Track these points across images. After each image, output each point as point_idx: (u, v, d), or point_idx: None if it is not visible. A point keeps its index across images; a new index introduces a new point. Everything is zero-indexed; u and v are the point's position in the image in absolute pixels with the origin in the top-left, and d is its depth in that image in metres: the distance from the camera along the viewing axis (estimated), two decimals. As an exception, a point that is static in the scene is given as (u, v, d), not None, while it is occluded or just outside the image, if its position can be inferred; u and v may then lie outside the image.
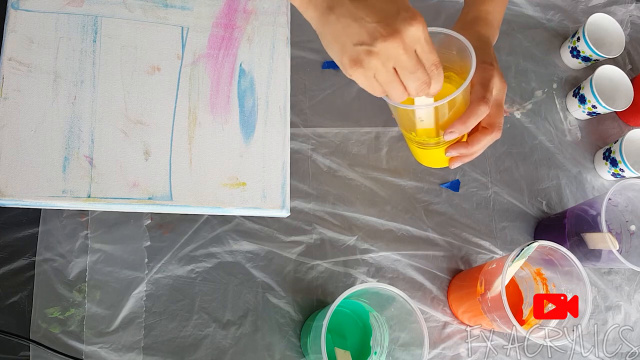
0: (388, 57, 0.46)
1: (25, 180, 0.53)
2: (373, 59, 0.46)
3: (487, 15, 0.64)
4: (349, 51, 0.46)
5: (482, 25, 0.64)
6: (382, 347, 0.62)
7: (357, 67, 0.47)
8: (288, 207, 0.60)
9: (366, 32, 0.46)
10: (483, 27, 0.63)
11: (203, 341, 0.60)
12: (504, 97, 0.60)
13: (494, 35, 0.65)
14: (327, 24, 0.47)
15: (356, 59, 0.46)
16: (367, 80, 0.48)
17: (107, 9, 0.59)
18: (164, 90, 0.59)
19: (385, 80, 0.48)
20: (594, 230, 0.67)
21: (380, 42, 0.45)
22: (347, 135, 0.72)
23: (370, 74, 0.47)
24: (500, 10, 0.66)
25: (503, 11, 0.67)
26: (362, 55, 0.46)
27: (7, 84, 0.55)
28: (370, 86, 0.49)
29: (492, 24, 0.65)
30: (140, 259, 0.61)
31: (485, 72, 0.59)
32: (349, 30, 0.46)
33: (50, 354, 0.55)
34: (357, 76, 0.48)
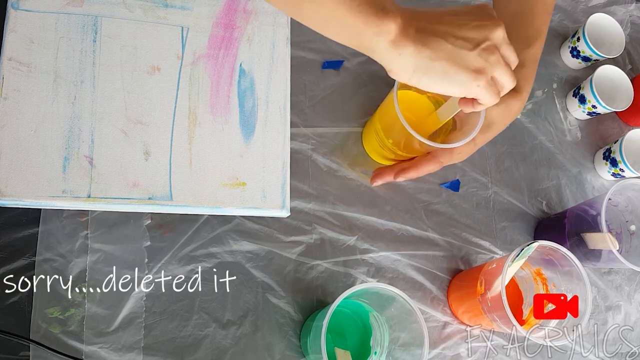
0: (500, 44, 0.45)
1: (25, 180, 0.53)
2: (492, 55, 0.45)
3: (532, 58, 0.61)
4: (472, 62, 0.45)
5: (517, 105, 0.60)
6: (382, 347, 0.62)
7: (483, 73, 0.45)
8: (288, 207, 0.60)
9: (474, 36, 0.45)
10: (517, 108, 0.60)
11: (203, 341, 0.60)
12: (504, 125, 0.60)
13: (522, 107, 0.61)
14: (434, 51, 0.43)
15: (479, 67, 0.45)
16: (489, 85, 0.46)
17: (107, 9, 0.59)
18: (164, 90, 0.59)
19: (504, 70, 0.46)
20: (594, 230, 0.67)
21: (492, 32, 0.45)
22: (347, 135, 0.72)
23: (491, 74, 0.46)
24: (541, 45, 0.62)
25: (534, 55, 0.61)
26: (484, 55, 0.45)
27: (7, 84, 0.55)
28: (491, 91, 0.47)
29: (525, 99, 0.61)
30: (140, 259, 0.61)
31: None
32: (458, 43, 0.44)
33: (50, 354, 0.55)
34: (483, 85, 0.46)
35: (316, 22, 0.45)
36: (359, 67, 0.75)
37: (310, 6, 0.43)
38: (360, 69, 0.75)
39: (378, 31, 0.42)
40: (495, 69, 0.46)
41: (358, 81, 0.75)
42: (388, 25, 0.42)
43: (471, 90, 0.46)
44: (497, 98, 0.48)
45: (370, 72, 0.75)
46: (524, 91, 0.59)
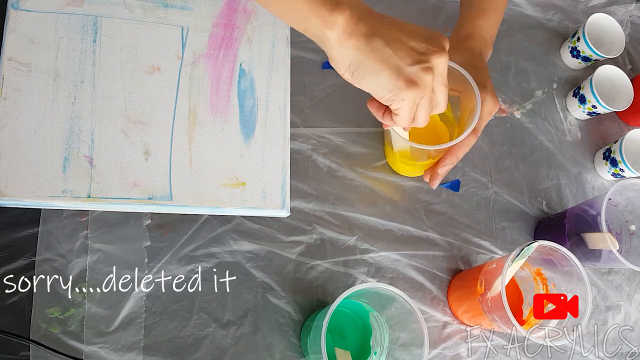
0: (438, 73, 0.47)
1: (25, 180, 0.53)
2: (428, 76, 0.46)
3: (481, 32, 0.64)
4: (405, 72, 0.46)
5: (476, 41, 0.64)
6: (382, 347, 0.62)
7: (413, 87, 0.46)
8: (288, 207, 0.60)
9: (418, 51, 0.46)
10: (476, 44, 0.64)
11: (203, 341, 0.60)
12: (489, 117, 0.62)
13: (488, 50, 0.65)
14: (373, 50, 0.45)
15: (412, 79, 0.46)
16: (413, 104, 0.48)
17: (107, 9, 0.59)
18: (164, 90, 0.59)
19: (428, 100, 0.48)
20: (594, 230, 0.67)
21: (434, 58, 0.46)
22: (347, 135, 0.72)
23: (420, 95, 0.47)
24: (495, 25, 0.66)
25: (497, 25, 0.67)
26: (420, 73, 0.46)
27: (7, 84, 0.55)
28: (410, 112, 0.48)
29: (486, 40, 0.65)
30: (140, 259, 0.61)
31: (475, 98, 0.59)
32: (400, 52, 0.45)
33: (50, 354, 0.55)
34: (409, 98, 0.47)
35: (275, 8, 0.48)
36: (359, 67, 0.75)
37: None
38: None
39: (325, 21, 0.44)
40: (424, 92, 0.47)
41: (358, 81, 0.75)
42: (336, 17, 0.44)
43: (396, 100, 0.47)
44: (408, 122, 0.49)
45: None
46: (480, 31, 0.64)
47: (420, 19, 0.80)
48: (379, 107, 0.51)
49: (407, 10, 0.80)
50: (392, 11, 0.79)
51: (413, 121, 0.50)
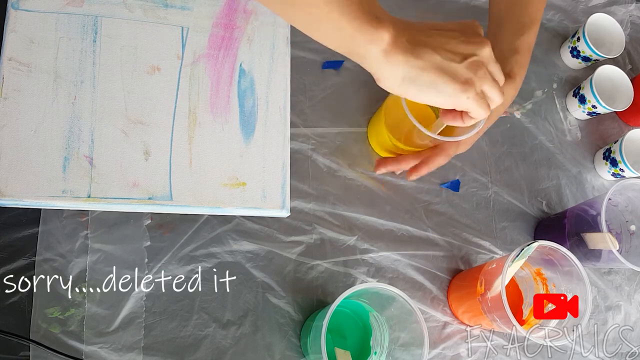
0: (487, 61, 0.47)
1: (25, 180, 0.53)
2: (480, 69, 0.46)
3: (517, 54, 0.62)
4: (460, 73, 0.45)
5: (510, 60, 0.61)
6: (382, 347, 0.62)
7: (470, 86, 0.46)
8: (288, 207, 0.60)
9: (463, 51, 0.46)
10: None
11: (203, 341, 0.60)
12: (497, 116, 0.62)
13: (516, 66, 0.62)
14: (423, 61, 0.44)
15: (468, 78, 0.46)
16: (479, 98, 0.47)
17: (107, 9, 0.59)
18: (164, 90, 0.59)
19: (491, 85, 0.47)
20: (594, 230, 0.67)
21: (479, 50, 0.46)
22: (347, 135, 0.72)
23: (479, 87, 0.47)
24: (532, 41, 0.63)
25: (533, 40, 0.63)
26: (472, 69, 0.46)
27: (7, 84, 0.55)
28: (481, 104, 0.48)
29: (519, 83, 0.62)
30: (140, 259, 0.61)
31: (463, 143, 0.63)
32: (448, 55, 0.45)
33: (50, 354, 0.55)
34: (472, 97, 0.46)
35: (307, 23, 0.45)
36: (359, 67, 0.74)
37: (303, 7, 0.43)
38: (361, 69, 0.74)
39: (371, 39, 0.43)
40: (483, 82, 0.47)
41: (358, 81, 0.75)
42: (381, 34, 0.43)
43: (460, 102, 0.46)
44: (487, 111, 0.48)
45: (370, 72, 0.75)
46: (518, 77, 0.61)
47: (420, 19, 0.80)
48: (453, 115, 0.51)
49: (407, 10, 0.80)
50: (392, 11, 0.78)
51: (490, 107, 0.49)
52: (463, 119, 0.51)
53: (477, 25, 0.48)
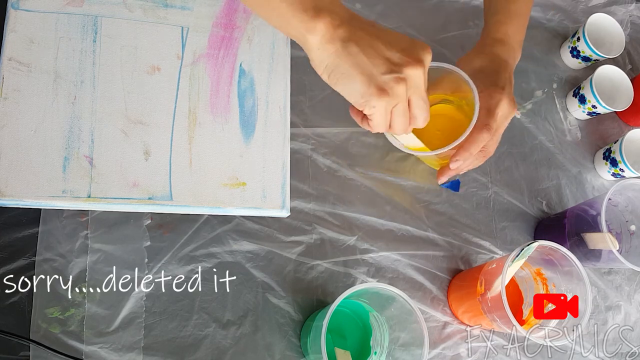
0: (412, 83, 0.48)
1: (25, 180, 0.53)
2: (400, 86, 0.47)
3: (507, 38, 0.65)
4: (377, 80, 0.47)
5: (501, 47, 0.64)
6: (382, 347, 0.62)
7: (384, 95, 0.47)
8: (288, 207, 0.60)
9: (392, 61, 0.47)
10: (502, 50, 0.64)
11: (203, 341, 0.60)
12: (507, 122, 0.62)
13: (515, 56, 0.65)
14: (348, 55, 0.46)
15: (383, 88, 0.47)
16: (385, 113, 0.49)
17: (107, 9, 0.59)
18: (164, 90, 0.59)
19: (402, 110, 0.49)
20: (594, 230, 0.67)
21: (408, 69, 0.47)
22: (347, 135, 0.72)
23: (391, 105, 0.48)
24: (521, 31, 0.67)
25: (524, 31, 0.67)
26: (391, 82, 0.47)
27: (7, 84, 0.55)
28: (384, 119, 0.50)
29: (513, 46, 0.65)
30: (140, 259, 0.61)
31: (493, 98, 0.60)
32: (375, 60, 0.46)
33: (50, 354, 0.55)
34: (380, 107, 0.48)
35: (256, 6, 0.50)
36: (359, 67, 0.75)
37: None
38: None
39: (306, 27, 0.46)
40: (397, 103, 0.48)
41: (358, 81, 0.75)
42: (316, 24, 0.46)
43: (367, 106, 0.48)
44: (382, 128, 0.51)
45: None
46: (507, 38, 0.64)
47: (421, 19, 0.80)
48: (358, 112, 0.53)
49: (407, 10, 0.80)
50: (392, 11, 0.79)
51: (390, 128, 0.51)
52: (362, 122, 0.53)
53: (427, 48, 0.49)
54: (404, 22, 0.79)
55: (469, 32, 0.82)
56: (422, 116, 0.51)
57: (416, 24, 0.80)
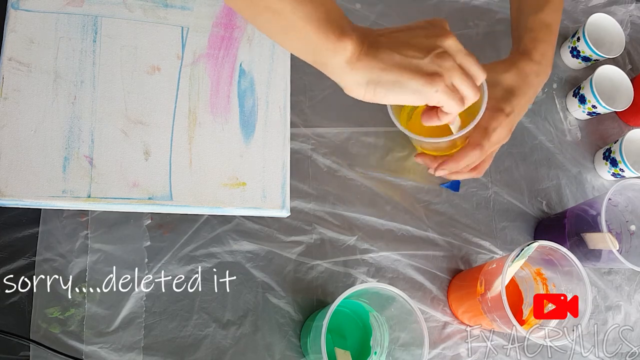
0: (453, 51, 0.46)
1: (25, 180, 0.53)
2: (446, 60, 0.45)
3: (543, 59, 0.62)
4: (424, 68, 0.45)
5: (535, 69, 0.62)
6: (382, 347, 0.62)
7: (438, 78, 0.45)
8: (288, 207, 0.60)
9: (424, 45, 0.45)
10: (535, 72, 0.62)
11: (203, 341, 0.60)
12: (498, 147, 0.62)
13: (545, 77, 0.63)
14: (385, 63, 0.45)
15: (434, 71, 0.45)
16: (450, 91, 0.46)
17: (107, 9, 0.59)
18: (164, 90, 0.59)
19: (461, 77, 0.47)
20: (594, 230, 0.67)
21: (441, 41, 0.46)
22: (347, 135, 0.72)
23: (449, 80, 0.46)
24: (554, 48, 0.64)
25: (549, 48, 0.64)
26: (436, 61, 0.45)
27: (7, 84, 0.55)
28: (453, 97, 0.47)
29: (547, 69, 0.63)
30: (140, 259, 0.61)
31: (495, 120, 0.60)
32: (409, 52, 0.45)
33: (50, 354, 0.55)
34: (442, 89, 0.46)
35: (276, 33, 0.46)
36: (359, 67, 0.75)
37: (271, 16, 0.43)
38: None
39: (334, 48, 0.44)
40: (452, 75, 0.46)
41: (358, 81, 0.75)
42: (344, 44, 0.44)
43: (429, 97, 0.46)
44: (460, 105, 0.48)
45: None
46: (536, 53, 0.61)
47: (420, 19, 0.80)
48: (429, 114, 0.51)
49: (407, 11, 0.80)
50: (392, 10, 0.79)
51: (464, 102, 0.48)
52: (439, 117, 0.50)
53: (442, 20, 0.48)
54: (404, 22, 0.78)
55: (469, 32, 0.82)
56: (479, 73, 0.48)
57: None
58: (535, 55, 0.62)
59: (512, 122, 0.60)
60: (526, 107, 0.62)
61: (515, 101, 0.60)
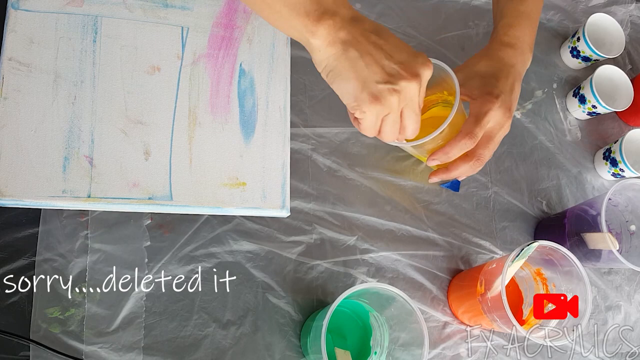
0: (406, 97, 0.48)
1: (25, 180, 0.53)
2: (394, 97, 0.48)
3: (516, 41, 0.63)
4: (371, 87, 0.47)
5: (509, 51, 0.63)
6: (382, 347, 0.62)
7: (376, 103, 0.48)
8: (288, 207, 0.60)
9: (389, 73, 0.47)
10: (509, 54, 0.63)
11: (203, 341, 0.60)
12: (500, 132, 0.61)
13: (524, 59, 0.64)
14: (347, 59, 0.47)
15: (377, 96, 0.47)
16: (375, 119, 0.50)
17: (107, 9, 0.59)
18: (164, 90, 0.59)
19: (393, 120, 0.50)
20: (594, 230, 0.67)
21: (403, 82, 0.47)
22: (347, 135, 0.72)
23: (383, 113, 0.49)
24: (531, 33, 0.65)
25: (534, 33, 0.66)
26: (385, 92, 0.47)
27: (7, 84, 0.55)
28: (374, 125, 0.50)
29: (522, 49, 0.63)
30: (140, 259, 0.61)
31: (484, 106, 0.59)
32: (372, 68, 0.47)
33: (50, 354, 0.55)
34: (370, 113, 0.49)
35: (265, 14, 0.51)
36: (359, 67, 0.75)
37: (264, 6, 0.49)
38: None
39: (309, 30, 0.47)
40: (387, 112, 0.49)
41: (358, 81, 0.75)
42: (317, 28, 0.47)
43: (358, 109, 0.49)
44: (371, 133, 0.52)
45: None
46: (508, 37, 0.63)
47: (421, 19, 0.80)
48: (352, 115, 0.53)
49: (407, 10, 0.80)
50: (392, 11, 0.79)
51: (379, 134, 0.52)
52: (354, 122, 0.53)
53: (427, 63, 0.49)
54: (404, 22, 0.79)
55: (469, 32, 0.82)
56: (412, 127, 0.52)
57: (416, 24, 0.80)
58: (506, 38, 0.63)
59: (505, 103, 0.59)
60: (516, 88, 0.61)
61: (499, 83, 0.60)
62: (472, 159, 0.61)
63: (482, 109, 0.59)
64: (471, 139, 0.59)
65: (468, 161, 0.62)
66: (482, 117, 0.58)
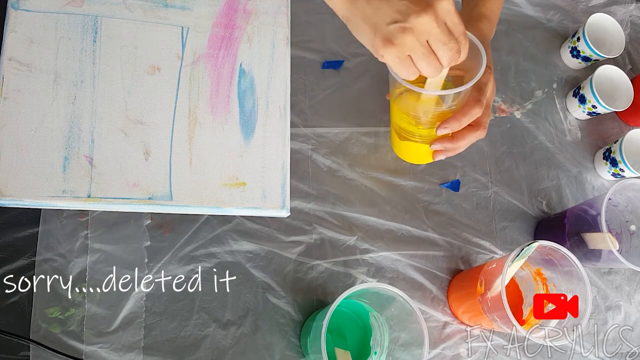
0: (421, 31, 0.47)
1: (25, 180, 0.53)
2: (407, 36, 0.46)
3: (491, 14, 0.66)
4: (382, 31, 0.47)
5: (485, 23, 0.65)
6: (382, 347, 0.62)
7: (390, 46, 0.47)
8: (288, 207, 0.60)
9: (397, 11, 0.46)
10: (485, 26, 0.65)
11: (203, 341, 0.60)
12: (492, 98, 0.63)
13: (492, 32, 0.67)
14: (356, 8, 0.47)
15: (389, 38, 0.47)
16: (400, 60, 0.48)
17: (107, 9, 0.59)
18: (164, 90, 0.59)
19: (421, 54, 0.48)
20: (594, 230, 0.67)
21: (413, 18, 0.46)
22: (347, 135, 0.72)
23: (403, 52, 0.48)
24: (500, 7, 0.68)
25: (500, 7, 0.69)
26: (396, 33, 0.46)
27: (7, 84, 0.55)
28: (403, 66, 0.49)
29: (494, 22, 0.66)
30: (140, 259, 0.61)
31: (484, 76, 0.60)
32: (380, 11, 0.47)
33: (50, 354, 0.55)
34: (389, 56, 0.48)
35: None
36: (359, 67, 0.75)
37: None
38: (360, 69, 0.75)
39: None
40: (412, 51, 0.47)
41: (358, 81, 0.75)
42: None
43: (377, 55, 0.49)
44: (414, 75, 0.50)
45: (370, 72, 0.75)
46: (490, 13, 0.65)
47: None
48: None
49: None
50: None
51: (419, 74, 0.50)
52: None
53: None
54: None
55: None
56: (446, 55, 0.49)
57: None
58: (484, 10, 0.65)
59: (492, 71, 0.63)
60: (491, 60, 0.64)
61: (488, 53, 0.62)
62: (479, 127, 0.62)
63: (482, 79, 0.60)
64: (480, 107, 0.60)
65: (475, 130, 0.62)
66: (484, 87, 0.60)
